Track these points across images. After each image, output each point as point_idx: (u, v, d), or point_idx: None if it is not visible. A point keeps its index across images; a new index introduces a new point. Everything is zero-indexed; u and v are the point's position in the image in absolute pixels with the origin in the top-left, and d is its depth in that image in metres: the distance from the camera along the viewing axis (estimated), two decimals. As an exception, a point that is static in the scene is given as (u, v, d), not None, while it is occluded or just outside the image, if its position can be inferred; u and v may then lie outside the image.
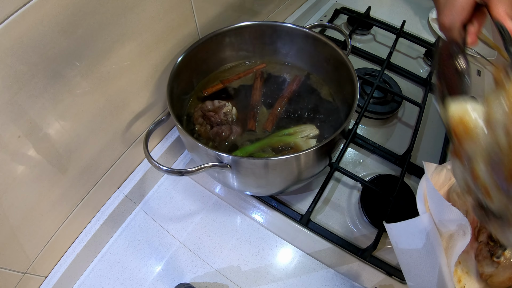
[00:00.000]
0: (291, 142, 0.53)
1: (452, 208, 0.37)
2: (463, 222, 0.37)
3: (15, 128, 0.35)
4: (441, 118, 0.36)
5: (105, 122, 0.47)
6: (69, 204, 0.48)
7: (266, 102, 0.59)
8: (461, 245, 0.37)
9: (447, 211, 0.38)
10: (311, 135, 0.54)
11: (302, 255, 0.55)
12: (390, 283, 0.53)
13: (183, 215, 0.59)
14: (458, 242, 0.38)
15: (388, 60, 0.78)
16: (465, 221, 0.37)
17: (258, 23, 0.59)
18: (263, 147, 0.53)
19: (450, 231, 0.40)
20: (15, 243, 0.42)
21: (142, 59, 0.48)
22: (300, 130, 0.54)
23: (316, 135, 0.54)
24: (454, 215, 0.37)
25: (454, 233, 0.40)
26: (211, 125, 0.54)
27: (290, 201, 0.60)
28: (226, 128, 0.53)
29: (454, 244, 0.39)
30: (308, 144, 0.52)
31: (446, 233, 0.41)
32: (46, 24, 0.33)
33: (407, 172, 0.64)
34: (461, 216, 0.37)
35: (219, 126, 0.53)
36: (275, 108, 0.57)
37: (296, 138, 0.53)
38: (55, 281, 0.49)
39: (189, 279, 0.53)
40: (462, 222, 0.37)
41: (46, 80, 0.36)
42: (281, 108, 0.57)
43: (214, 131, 0.53)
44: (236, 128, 0.54)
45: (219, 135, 0.53)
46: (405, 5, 1.02)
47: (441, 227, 0.40)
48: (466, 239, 0.37)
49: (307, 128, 0.55)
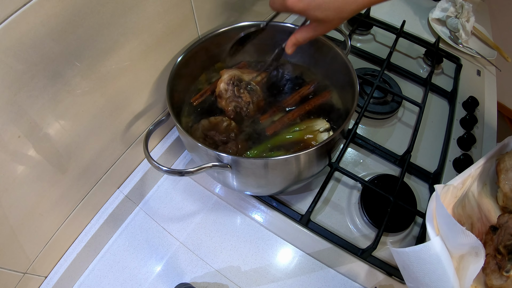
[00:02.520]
0: (303, 138, 0.52)
1: (466, 232, 0.37)
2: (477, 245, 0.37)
3: (15, 128, 0.35)
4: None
5: (105, 122, 0.47)
6: (69, 204, 0.48)
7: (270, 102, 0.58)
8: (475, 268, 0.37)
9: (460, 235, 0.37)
10: (322, 129, 0.53)
11: (302, 255, 0.55)
12: (390, 283, 0.53)
13: (183, 215, 0.59)
14: (471, 264, 0.37)
15: (388, 60, 0.78)
16: (478, 244, 0.36)
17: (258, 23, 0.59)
18: (274, 145, 0.52)
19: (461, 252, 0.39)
20: (15, 243, 0.42)
21: (142, 59, 0.48)
22: (311, 124, 0.54)
23: (328, 129, 0.54)
24: (468, 239, 0.37)
25: (465, 254, 0.39)
26: (216, 144, 0.52)
27: (290, 201, 0.60)
28: (233, 145, 0.52)
29: (466, 266, 0.38)
30: (321, 138, 0.52)
31: (457, 254, 0.40)
32: (46, 24, 0.33)
33: (407, 172, 0.64)
34: (475, 239, 0.36)
35: (225, 145, 0.52)
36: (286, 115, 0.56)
37: (308, 133, 0.53)
38: (55, 281, 0.49)
39: (189, 279, 0.53)
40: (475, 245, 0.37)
41: (46, 80, 0.36)
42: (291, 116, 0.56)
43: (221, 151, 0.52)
44: (242, 143, 0.52)
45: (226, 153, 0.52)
46: (405, 5, 1.02)
47: (452, 250, 0.40)
48: (479, 261, 0.36)
49: (317, 122, 0.54)
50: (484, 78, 0.86)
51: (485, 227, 0.48)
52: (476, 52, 0.88)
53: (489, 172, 0.52)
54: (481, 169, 0.50)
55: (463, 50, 0.89)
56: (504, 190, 0.47)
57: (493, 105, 0.81)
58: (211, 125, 0.54)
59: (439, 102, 0.78)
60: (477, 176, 0.50)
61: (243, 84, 0.55)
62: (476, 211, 0.49)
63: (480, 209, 0.49)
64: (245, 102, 0.54)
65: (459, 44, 0.89)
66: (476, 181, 0.50)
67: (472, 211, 0.49)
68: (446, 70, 0.86)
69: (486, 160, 0.51)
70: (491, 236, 0.45)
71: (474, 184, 0.50)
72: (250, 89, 0.55)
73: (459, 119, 0.75)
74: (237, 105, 0.54)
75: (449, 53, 0.86)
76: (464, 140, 0.70)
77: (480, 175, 0.51)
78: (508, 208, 0.49)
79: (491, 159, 0.52)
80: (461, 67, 0.84)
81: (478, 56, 0.88)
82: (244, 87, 0.55)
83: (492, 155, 0.51)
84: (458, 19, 0.89)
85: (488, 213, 0.50)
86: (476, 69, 0.87)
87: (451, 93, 0.78)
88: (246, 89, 0.55)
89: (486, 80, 0.86)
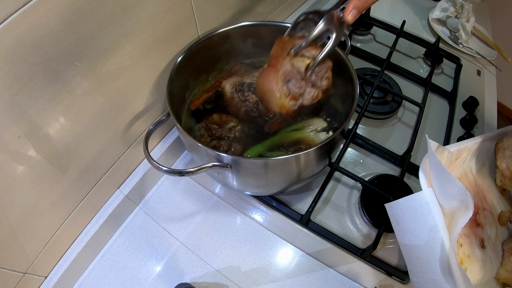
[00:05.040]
0: (300, 138, 0.52)
1: (455, 182, 0.38)
2: (465, 197, 0.37)
3: (15, 128, 0.35)
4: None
5: (105, 122, 0.47)
6: (69, 204, 0.48)
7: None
8: (463, 219, 0.37)
9: (450, 185, 0.38)
10: (319, 128, 0.53)
11: (302, 255, 0.55)
12: (390, 283, 0.53)
13: (183, 215, 0.59)
14: (461, 217, 0.38)
15: (388, 60, 0.78)
16: (467, 196, 0.37)
17: (258, 23, 0.59)
18: (273, 145, 0.53)
19: (453, 208, 0.40)
20: (15, 243, 0.42)
21: (142, 59, 0.48)
22: (308, 124, 0.54)
23: (325, 128, 0.54)
24: (457, 189, 0.38)
25: (456, 210, 0.40)
26: (211, 137, 0.53)
27: (290, 201, 0.60)
28: (225, 144, 0.52)
29: (456, 221, 0.39)
30: (318, 138, 0.52)
31: (448, 210, 0.41)
32: (46, 24, 0.33)
33: (407, 172, 0.64)
34: (464, 190, 0.37)
35: (218, 141, 0.52)
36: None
37: (305, 132, 0.53)
38: (55, 281, 0.49)
39: (189, 279, 0.53)
40: (464, 197, 0.38)
41: (46, 80, 0.36)
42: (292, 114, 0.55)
43: (212, 144, 0.52)
44: (236, 146, 0.52)
45: (216, 149, 0.52)
46: (405, 5, 1.02)
47: (443, 203, 0.40)
48: (468, 213, 0.37)
49: (314, 121, 0.54)
50: (484, 78, 0.86)
51: (482, 203, 0.49)
52: (476, 52, 0.88)
53: (488, 152, 0.52)
54: (480, 146, 0.51)
55: (463, 50, 0.89)
56: (500, 168, 0.48)
57: (493, 105, 0.81)
58: (220, 120, 0.54)
59: (439, 102, 0.78)
60: (475, 152, 0.50)
61: (246, 87, 0.56)
62: (473, 185, 0.50)
63: (478, 185, 0.50)
64: (253, 103, 0.55)
65: (459, 44, 0.89)
66: (474, 158, 0.51)
67: (469, 185, 0.49)
68: (446, 70, 0.86)
69: (485, 138, 0.51)
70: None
71: (472, 161, 0.50)
72: (254, 90, 0.55)
73: (459, 119, 0.75)
74: (247, 109, 0.55)
75: (449, 53, 0.86)
76: (464, 140, 0.70)
77: (479, 154, 0.51)
78: (506, 190, 0.49)
79: (491, 140, 0.52)
80: (461, 67, 0.84)
81: (478, 56, 0.88)
82: (247, 90, 0.55)
83: (491, 136, 0.52)
84: (458, 19, 0.89)
85: (486, 192, 0.50)
86: (476, 69, 0.87)
87: (451, 93, 0.78)
88: (250, 90, 0.55)
89: (486, 80, 0.86)
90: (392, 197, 0.56)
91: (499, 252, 0.46)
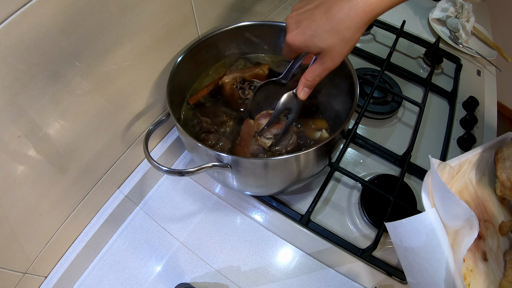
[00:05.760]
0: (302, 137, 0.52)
1: (460, 202, 0.37)
2: (470, 217, 0.37)
3: (15, 128, 0.35)
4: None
5: (105, 122, 0.47)
6: (69, 204, 0.48)
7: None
8: (468, 239, 0.37)
9: (454, 205, 0.38)
10: (319, 128, 0.53)
11: (302, 255, 0.55)
12: (390, 283, 0.53)
13: (183, 215, 0.59)
14: (465, 237, 0.38)
15: (388, 60, 0.77)
16: (472, 215, 0.37)
17: (258, 23, 0.59)
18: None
19: (456, 226, 0.40)
20: (15, 243, 0.42)
21: (142, 59, 0.48)
22: (311, 124, 0.54)
23: (326, 128, 0.54)
24: (462, 209, 0.37)
25: (460, 229, 0.39)
26: (201, 129, 0.53)
27: (290, 201, 0.60)
28: (214, 138, 0.51)
29: (461, 240, 0.39)
30: (318, 138, 0.52)
31: (452, 229, 0.40)
32: (46, 24, 0.33)
33: (407, 172, 0.64)
34: (468, 210, 0.37)
35: (207, 134, 0.52)
36: None
37: (308, 132, 0.53)
38: (55, 281, 0.49)
39: (189, 279, 0.53)
40: (469, 217, 0.37)
41: (46, 80, 0.36)
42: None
43: (200, 137, 0.52)
44: (224, 140, 0.52)
45: (204, 142, 0.52)
46: (405, 5, 1.02)
47: (447, 223, 0.40)
48: (473, 233, 0.37)
49: (315, 122, 0.54)
50: (484, 78, 0.86)
51: (482, 215, 0.48)
52: (476, 52, 0.88)
53: (487, 162, 0.52)
54: (480, 157, 0.50)
55: (463, 50, 0.89)
56: (501, 179, 0.48)
57: (493, 105, 0.81)
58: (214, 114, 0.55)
59: (439, 102, 0.78)
60: (475, 163, 0.50)
61: (247, 84, 0.56)
62: (474, 197, 0.49)
63: (478, 196, 0.50)
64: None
65: (459, 44, 0.89)
66: (474, 169, 0.51)
67: (470, 197, 0.49)
68: (446, 70, 0.86)
69: (484, 149, 0.51)
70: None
71: (472, 172, 0.50)
72: (254, 88, 0.55)
73: (459, 119, 0.75)
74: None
75: (449, 53, 0.87)
76: (464, 140, 0.70)
77: (479, 164, 0.51)
78: (506, 199, 0.49)
79: (490, 149, 0.52)
80: (461, 67, 0.84)
81: (478, 56, 0.88)
82: (248, 88, 0.55)
83: (491, 145, 0.52)
84: (458, 19, 0.89)
85: (486, 203, 0.50)
86: (476, 69, 0.87)
87: (451, 93, 0.78)
88: (250, 89, 0.55)
89: (486, 80, 0.86)
90: (392, 197, 0.56)
91: (501, 263, 0.46)
